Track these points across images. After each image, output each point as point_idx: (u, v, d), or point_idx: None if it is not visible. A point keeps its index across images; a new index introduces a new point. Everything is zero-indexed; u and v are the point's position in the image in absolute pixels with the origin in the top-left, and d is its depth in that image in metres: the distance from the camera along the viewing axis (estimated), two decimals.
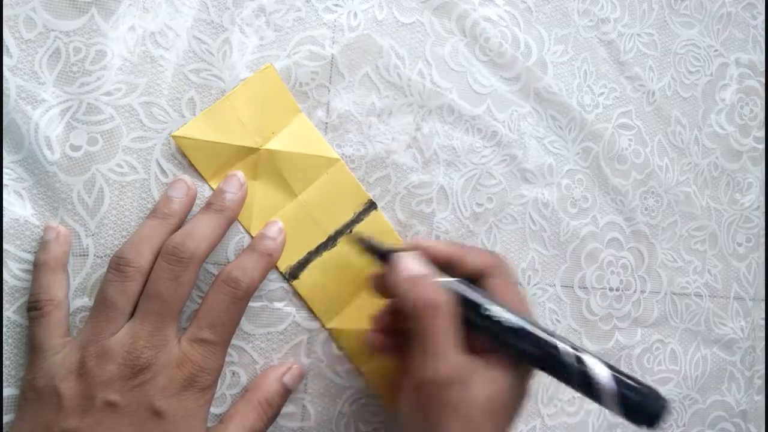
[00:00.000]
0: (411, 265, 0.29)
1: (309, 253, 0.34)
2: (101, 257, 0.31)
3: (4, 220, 0.30)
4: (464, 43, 0.38)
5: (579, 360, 0.27)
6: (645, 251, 0.42)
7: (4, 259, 0.30)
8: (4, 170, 0.30)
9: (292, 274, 0.34)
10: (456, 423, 0.26)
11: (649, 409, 0.27)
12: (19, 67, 0.31)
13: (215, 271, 0.33)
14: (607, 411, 0.41)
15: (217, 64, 0.34)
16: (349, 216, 0.35)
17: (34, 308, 0.29)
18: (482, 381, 0.27)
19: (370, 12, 0.37)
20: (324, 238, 0.34)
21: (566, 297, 0.40)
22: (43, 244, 0.30)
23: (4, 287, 0.30)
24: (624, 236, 0.42)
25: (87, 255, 0.31)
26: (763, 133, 0.46)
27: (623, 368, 0.41)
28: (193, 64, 0.33)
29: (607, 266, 0.41)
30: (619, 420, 0.41)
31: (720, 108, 0.45)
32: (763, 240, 0.46)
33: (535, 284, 0.39)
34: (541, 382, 0.39)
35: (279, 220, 0.33)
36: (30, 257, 0.31)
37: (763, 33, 0.46)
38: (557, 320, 0.40)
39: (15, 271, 0.30)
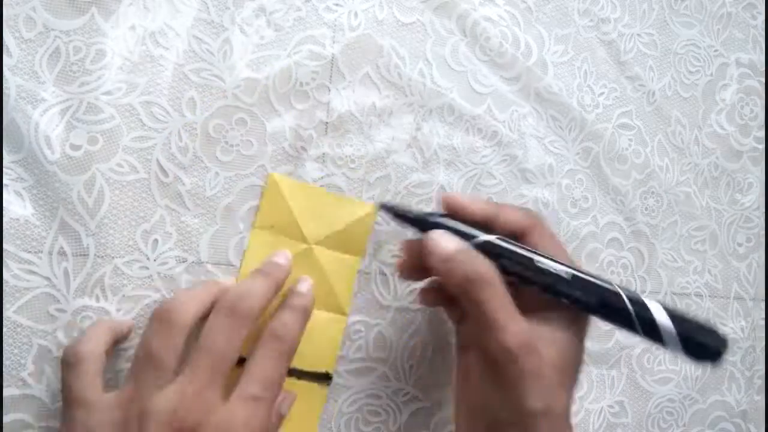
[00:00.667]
0: (446, 243, 0.29)
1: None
2: (101, 257, 0.31)
3: (4, 220, 0.30)
4: (465, 42, 0.38)
5: (639, 304, 0.28)
6: (645, 251, 0.42)
7: (4, 259, 0.30)
8: (4, 170, 0.30)
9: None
10: (533, 387, 0.27)
11: (710, 348, 0.28)
12: (19, 66, 0.31)
13: (216, 271, 0.33)
14: (607, 409, 0.41)
15: (217, 64, 0.33)
16: None
17: (70, 357, 0.28)
18: (547, 342, 0.28)
19: (370, 12, 0.37)
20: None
21: None
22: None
23: (4, 287, 0.30)
24: (624, 236, 0.42)
25: (87, 255, 0.31)
26: (763, 133, 0.46)
27: (623, 369, 0.42)
28: (194, 63, 0.33)
29: (607, 266, 0.41)
30: (620, 420, 0.41)
31: (720, 108, 0.45)
32: (763, 240, 0.46)
33: None
34: None
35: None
36: (30, 257, 0.30)
37: (764, 33, 0.46)
38: None
39: (15, 271, 0.30)
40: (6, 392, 0.30)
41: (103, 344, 0.29)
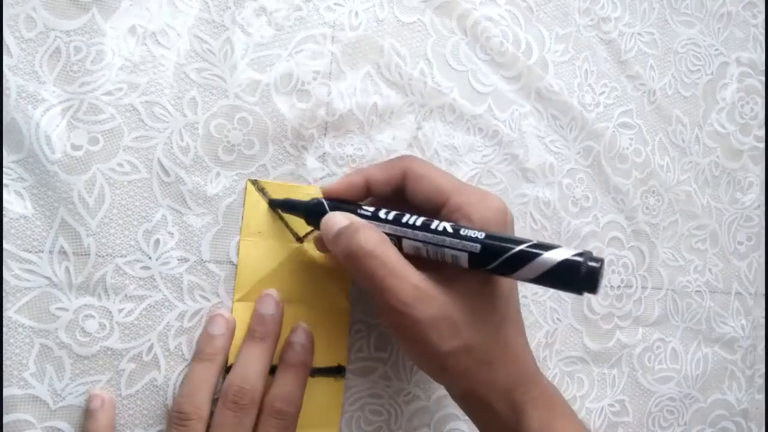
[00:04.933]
0: (331, 224, 0.29)
1: None
2: (102, 256, 0.31)
3: (4, 220, 0.30)
4: (465, 42, 0.38)
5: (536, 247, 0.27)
6: (646, 250, 0.42)
7: (4, 259, 0.30)
8: (4, 170, 0.30)
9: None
10: (435, 332, 0.27)
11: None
12: (20, 66, 0.30)
13: (218, 271, 0.33)
14: (608, 408, 0.41)
15: (218, 64, 0.33)
16: None
17: None
18: (443, 297, 0.27)
19: (371, 11, 0.37)
20: None
21: (567, 296, 0.40)
22: (89, 413, 0.30)
23: (4, 287, 0.30)
24: (625, 235, 0.42)
25: (89, 254, 0.31)
26: (763, 132, 0.46)
27: (623, 368, 0.42)
28: (195, 63, 0.33)
29: (608, 265, 0.41)
30: (621, 419, 0.41)
31: (721, 107, 0.45)
32: (763, 239, 0.46)
33: None
34: None
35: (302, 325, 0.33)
36: (30, 257, 0.30)
37: (764, 32, 0.46)
38: (558, 319, 0.40)
39: (15, 271, 0.30)
40: (7, 392, 0.30)
41: None
